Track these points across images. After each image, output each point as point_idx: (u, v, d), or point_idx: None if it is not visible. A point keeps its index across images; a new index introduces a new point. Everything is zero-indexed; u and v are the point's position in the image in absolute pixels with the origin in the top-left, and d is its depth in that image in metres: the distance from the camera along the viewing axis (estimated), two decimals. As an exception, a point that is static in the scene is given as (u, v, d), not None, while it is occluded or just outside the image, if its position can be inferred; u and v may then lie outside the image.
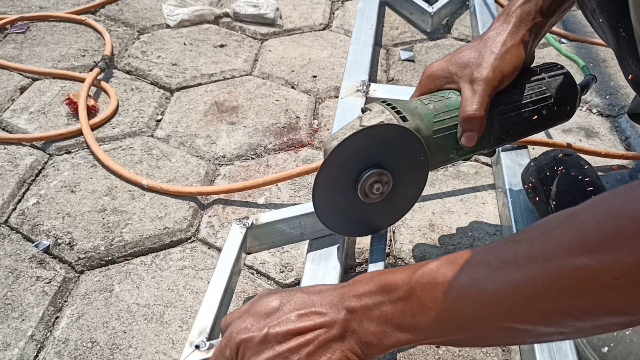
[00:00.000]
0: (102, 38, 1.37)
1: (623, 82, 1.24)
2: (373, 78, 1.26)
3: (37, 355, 0.73)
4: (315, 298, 0.49)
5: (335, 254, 0.78)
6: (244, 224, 0.77)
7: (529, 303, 0.38)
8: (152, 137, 1.10)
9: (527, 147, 0.97)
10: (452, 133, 0.67)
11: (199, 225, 0.92)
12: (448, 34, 1.44)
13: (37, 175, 1.00)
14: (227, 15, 1.49)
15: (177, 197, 0.96)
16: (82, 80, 1.21)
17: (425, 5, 1.42)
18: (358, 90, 1.11)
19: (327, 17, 1.51)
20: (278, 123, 1.13)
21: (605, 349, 0.63)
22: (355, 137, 0.62)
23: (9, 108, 1.15)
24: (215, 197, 0.97)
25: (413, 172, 0.67)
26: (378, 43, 1.39)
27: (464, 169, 1.03)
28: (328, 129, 1.12)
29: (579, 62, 1.12)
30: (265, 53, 1.36)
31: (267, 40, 1.41)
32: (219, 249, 0.87)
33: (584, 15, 0.65)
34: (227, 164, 1.04)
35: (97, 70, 1.21)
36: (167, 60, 1.31)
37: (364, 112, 0.67)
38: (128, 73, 1.27)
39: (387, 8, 1.54)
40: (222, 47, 1.37)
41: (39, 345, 0.74)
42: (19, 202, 0.95)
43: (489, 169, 1.03)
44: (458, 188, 0.99)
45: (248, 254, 0.81)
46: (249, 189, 0.96)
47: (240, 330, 0.49)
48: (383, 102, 0.67)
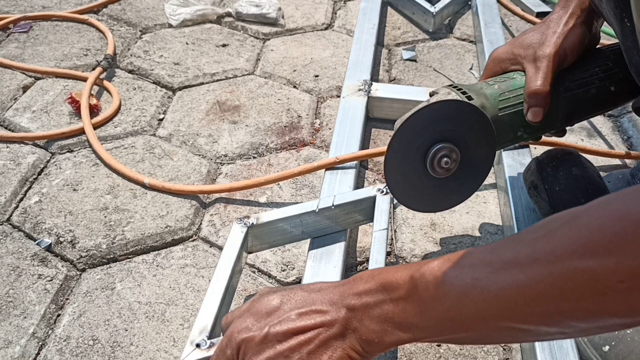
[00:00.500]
0: (104, 37, 1.37)
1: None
2: (375, 77, 1.26)
3: (38, 353, 0.73)
4: (316, 296, 0.49)
5: (337, 253, 0.78)
6: (245, 223, 0.77)
7: (531, 304, 0.38)
8: (154, 136, 1.10)
9: (528, 146, 0.97)
10: (518, 111, 0.69)
11: (201, 224, 0.92)
12: (450, 34, 1.44)
13: (39, 174, 1.01)
14: (229, 15, 1.49)
15: (178, 195, 0.96)
16: (84, 80, 1.21)
17: (428, 5, 1.42)
18: (360, 90, 1.11)
19: (329, 16, 1.51)
20: (280, 122, 1.13)
21: (607, 348, 0.63)
22: (422, 111, 0.64)
23: (12, 107, 1.15)
24: (217, 195, 0.97)
25: (481, 148, 0.69)
26: (380, 43, 1.39)
27: (466, 169, 1.03)
28: (330, 129, 1.12)
29: None
30: (268, 52, 1.36)
31: (269, 40, 1.41)
32: (221, 248, 0.87)
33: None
34: (228, 163, 1.04)
35: (99, 70, 1.21)
36: (169, 60, 1.31)
37: (432, 95, 0.69)
38: (130, 72, 1.28)
39: (389, 8, 1.54)
40: (224, 46, 1.37)
41: (41, 343, 0.75)
42: (21, 200, 0.95)
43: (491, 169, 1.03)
44: (460, 187, 0.99)
45: (249, 253, 0.81)
46: (251, 188, 0.96)
47: (241, 330, 0.49)
48: (449, 85, 0.69)
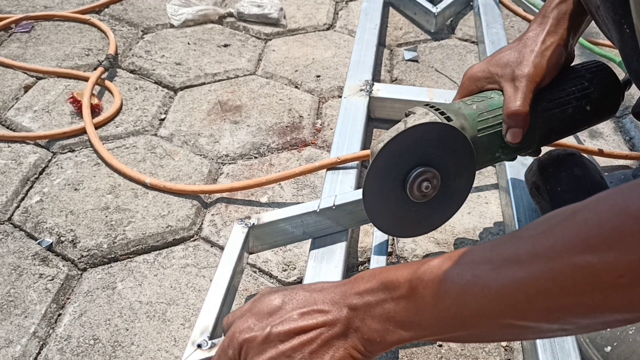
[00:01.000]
0: (106, 37, 1.37)
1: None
2: (377, 78, 1.25)
3: (39, 352, 0.73)
4: (317, 296, 0.49)
5: (338, 253, 0.78)
6: (246, 224, 0.77)
7: (532, 300, 0.38)
8: (155, 135, 1.10)
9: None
10: (497, 132, 0.68)
11: (202, 224, 0.92)
12: (452, 35, 1.44)
13: (40, 173, 1.01)
14: (231, 15, 1.49)
15: (180, 195, 0.96)
16: (86, 79, 1.21)
17: (429, 6, 1.42)
18: (361, 90, 1.11)
19: (331, 17, 1.51)
20: (281, 122, 1.13)
21: (608, 349, 0.62)
22: (402, 136, 0.63)
23: (14, 106, 1.15)
24: (218, 195, 0.97)
25: (460, 170, 0.68)
26: (382, 43, 1.39)
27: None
28: (331, 129, 1.12)
29: (615, 59, 1.12)
30: (269, 53, 1.36)
31: (270, 40, 1.41)
32: (222, 248, 0.87)
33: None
34: (230, 163, 1.04)
35: (101, 69, 1.21)
36: (171, 60, 1.31)
37: (408, 115, 0.67)
38: (132, 72, 1.28)
39: (391, 8, 1.54)
40: (225, 46, 1.37)
41: (42, 342, 0.75)
42: (23, 199, 0.95)
43: (492, 169, 1.03)
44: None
45: (250, 254, 0.81)
46: (252, 188, 0.96)
47: (243, 330, 0.49)
48: (426, 105, 0.68)
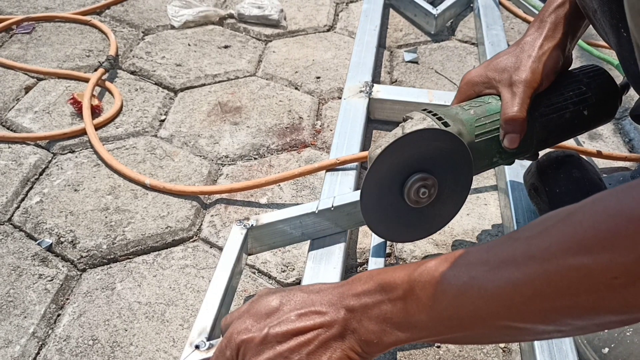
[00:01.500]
0: (107, 39, 1.38)
1: (627, 84, 1.23)
2: (376, 79, 1.26)
3: (38, 353, 0.74)
4: (315, 297, 0.49)
5: (336, 254, 0.78)
6: (245, 225, 0.77)
7: (528, 302, 0.38)
8: (155, 136, 1.10)
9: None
10: (494, 137, 0.68)
11: (201, 225, 0.92)
12: (452, 36, 1.44)
13: (40, 174, 1.01)
14: (231, 17, 1.49)
15: (179, 196, 0.96)
16: (86, 80, 1.21)
17: (430, 7, 1.42)
18: (361, 91, 1.11)
19: (331, 18, 1.51)
20: (281, 123, 1.13)
21: (606, 350, 0.62)
22: (399, 142, 0.62)
23: (14, 107, 1.16)
24: (218, 196, 0.97)
25: (458, 175, 0.67)
26: (382, 44, 1.39)
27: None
28: (331, 130, 1.12)
29: (613, 61, 1.11)
30: (269, 54, 1.36)
31: (271, 42, 1.42)
32: (221, 249, 0.87)
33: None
34: (229, 164, 1.04)
35: (101, 71, 1.21)
36: (171, 61, 1.32)
37: (405, 120, 0.67)
38: (132, 73, 1.28)
39: (391, 10, 1.54)
40: (226, 48, 1.38)
41: (41, 343, 0.75)
42: (23, 200, 0.95)
43: (491, 170, 1.03)
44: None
45: (249, 255, 0.81)
46: (251, 189, 0.96)
47: (241, 331, 0.49)
48: (424, 110, 0.67)
